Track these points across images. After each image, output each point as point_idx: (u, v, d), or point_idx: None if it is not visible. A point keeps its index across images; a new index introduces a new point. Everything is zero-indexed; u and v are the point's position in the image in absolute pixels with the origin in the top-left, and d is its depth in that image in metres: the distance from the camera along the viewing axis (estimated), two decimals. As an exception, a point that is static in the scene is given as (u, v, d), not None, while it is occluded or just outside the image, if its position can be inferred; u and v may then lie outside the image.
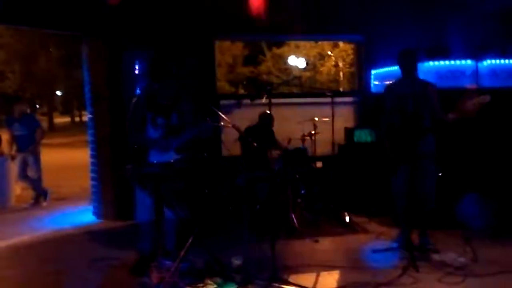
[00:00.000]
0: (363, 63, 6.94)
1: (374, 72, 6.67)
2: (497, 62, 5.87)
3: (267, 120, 5.63)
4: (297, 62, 23.26)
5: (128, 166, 3.78)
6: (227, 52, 23.24)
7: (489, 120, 5.03)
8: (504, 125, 5.38)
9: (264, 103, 4.81)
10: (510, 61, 6.00)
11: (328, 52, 22.73)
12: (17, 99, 8.44)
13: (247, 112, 5.28)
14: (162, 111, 3.98)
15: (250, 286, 3.55)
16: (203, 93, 5.99)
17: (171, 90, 4.05)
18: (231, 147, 5.33)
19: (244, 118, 5.44)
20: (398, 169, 4.23)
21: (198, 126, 3.92)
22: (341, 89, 20.96)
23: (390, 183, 4.39)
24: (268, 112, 5.23)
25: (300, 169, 5.53)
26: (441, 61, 5.77)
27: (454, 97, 3.96)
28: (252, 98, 4.85)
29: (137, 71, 5.82)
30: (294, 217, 5.11)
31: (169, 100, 4.02)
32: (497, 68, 5.87)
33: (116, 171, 5.70)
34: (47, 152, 8.93)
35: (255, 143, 4.03)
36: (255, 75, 25.04)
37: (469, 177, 5.20)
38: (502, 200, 5.05)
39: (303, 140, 5.78)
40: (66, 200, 7.45)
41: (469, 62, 5.80)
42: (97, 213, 6.12)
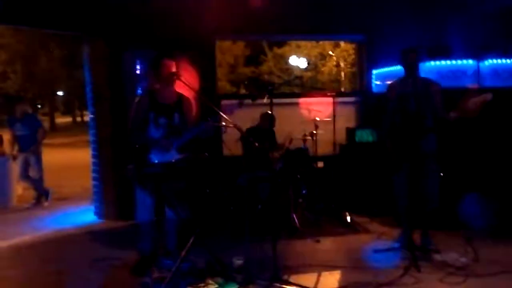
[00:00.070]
0: (364, 63, 6.93)
1: (375, 72, 6.66)
2: (498, 62, 5.84)
3: (268, 120, 5.63)
4: (298, 62, 23.26)
5: (129, 166, 3.78)
6: (228, 52, 23.24)
7: (491, 120, 5.02)
8: (506, 125, 5.37)
9: (265, 103, 4.80)
10: (512, 61, 5.99)
11: (330, 52, 22.74)
12: (19, 99, 8.44)
13: (248, 112, 5.28)
14: (164, 111, 3.98)
15: (252, 286, 3.55)
16: (204, 93, 5.98)
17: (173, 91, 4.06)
18: (232, 147, 5.33)
19: (245, 118, 5.43)
20: (400, 168, 4.23)
21: (199, 126, 3.92)
22: (343, 89, 20.96)
23: (392, 183, 4.39)
24: (270, 112, 5.22)
25: (302, 169, 5.53)
26: (442, 61, 5.76)
27: (455, 97, 3.95)
28: (253, 98, 4.85)
29: (138, 71, 5.82)
30: (295, 217, 5.11)
31: (170, 100, 4.03)
32: (498, 68, 5.85)
33: (117, 171, 5.71)
34: (48, 152, 8.92)
35: (256, 143, 4.03)
36: (256, 75, 25.03)
37: (471, 177, 5.19)
38: (504, 200, 5.04)
39: (304, 140, 5.78)
40: (68, 200, 7.46)
41: (470, 61, 5.78)
42: (98, 213, 6.13)
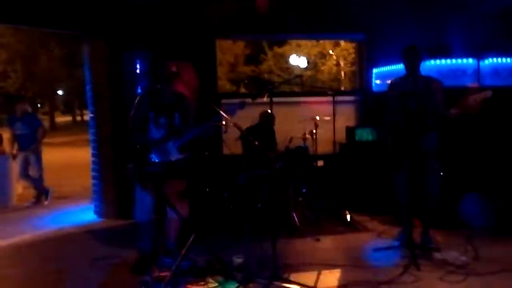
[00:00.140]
0: (364, 62, 6.93)
1: (375, 71, 6.66)
2: (498, 61, 5.84)
3: (268, 119, 5.63)
4: (298, 61, 23.21)
5: (129, 165, 3.78)
6: (228, 51, 23.20)
7: (491, 119, 5.02)
8: (506, 124, 5.37)
9: (265, 102, 4.81)
10: (512, 60, 5.98)
11: (330, 51, 22.69)
12: (19, 98, 8.43)
13: (248, 111, 5.27)
14: (164, 110, 3.98)
15: (251, 285, 3.55)
16: (204, 92, 5.98)
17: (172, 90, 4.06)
18: (232, 146, 5.33)
19: (245, 117, 5.43)
20: (400, 166, 4.23)
21: (200, 126, 3.92)
22: (343, 88, 20.94)
23: (392, 182, 4.39)
24: (269, 111, 5.22)
25: (302, 168, 5.53)
26: (442, 60, 5.76)
27: (455, 96, 3.95)
28: (253, 97, 4.85)
29: (138, 70, 5.82)
30: (295, 215, 5.11)
31: (170, 99, 4.03)
32: (498, 66, 5.84)
33: (117, 170, 5.70)
34: (48, 151, 8.93)
35: (256, 142, 4.03)
36: (257, 74, 25.00)
37: (471, 176, 5.19)
38: (504, 199, 5.04)
39: (304, 138, 5.78)
40: (68, 199, 7.47)
41: (470, 60, 5.78)
42: (98, 212, 6.13)
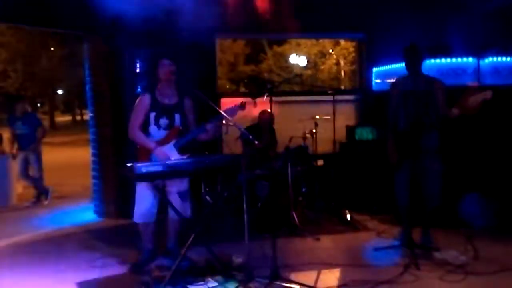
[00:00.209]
0: (364, 61, 6.93)
1: (375, 70, 6.65)
2: (498, 60, 5.84)
3: (267, 118, 5.63)
4: (298, 60, 23.19)
5: (128, 165, 3.77)
6: (228, 50, 23.19)
7: (491, 119, 5.02)
8: (506, 123, 5.36)
9: (265, 102, 4.81)
10: (512, 59, 5.98)
11: (329, 50, 22.68)
12: (19, 98, 8.43)
13: (248, 110, 5.27)
14: (165, 111, 3.98)
15: (251, 284, 3.54)
16: (204, 92, 5.97)
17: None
18: (232, 145, 5.33)
19: (245, 116, 5.43)
20: (401, 166, 4.22)
21: (201, 128, 3.92)
22: (343, 87, 20.93)
23: (392, 181, 4.38)
24: (269, 110, 5.22)
25: (301, 167, 5.53)
26: (442, 59, 5.75)
27: (456, 95, 3.95)
28: (253, 97, 4.85)
29: (138, 70, 5.81)
30: (295, 215, 5.11)
31: (171, 100, 4.03)
32: (498, 65, 5.84)
33: (117, 169, 5.70)
34: (48, 150, 8.94)
35: (256, 142, 4.03)
36: (256, 74, 24.99)
37: (471, 176, 5.18)
38: (504, 199, 5.04)
39: (304, 138, 5.78)
40: (68, 199, 7.46)
41: (470, 59, 5.78)
42: (98, 212, 6.13)
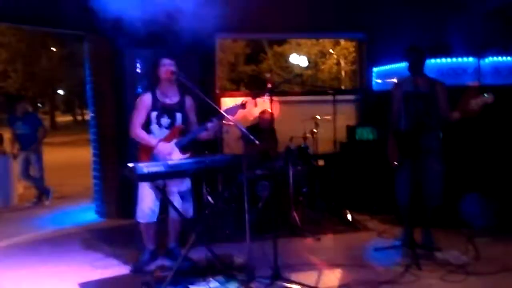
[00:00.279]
0: (364, 61, 6.93)
1: (375, 70, 6.65)
2: (499, 60, 5.83)
3: (267, 118, 5.63)
4: (298, 60, 23.19)
5: (128, 165, 3.77)
6: (228, 50, 23.20)
7: (491, 119, 5.01)
8: (506, 123, 5.36)
9: (265, 102, 4.81)
10: (512, 59, 5.97)
11: (330, 50, 22.68)
12: (20, 98, 8.44)
13: (248, 110, 5.27)
14: (166, 111, 3.98)
15: (252, 284, 3.55)
16: (204, 92, 5.98)
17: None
18: (233, 146, 5.33)
19: (245, 116, 5.44)
20: (401, 165, 4.22)
21: (202, 127, 3.92)
22: (343, 87, 20.93)
23: (392, 181, 4.38)
24: (269, 110, 5.22)
25: (302, 167, 5.53)
26: (443, 59, 5.75)
27: (456, 95, 3.95)
28: (253, 97, 4.85)
29: (139, 70, 5.81)
30: (296, 215, 5.11)
31: (173, 99, 4.03)
32: (499, 65, 5.84)
33: (118, 169, 5.71)
34: (49, 150, 8.93)
35: (257, 142, 4.03)
36: (257, 74, 25.00)
37: (471, 176, 5.18)
38: (504, 199, 5.04)
39: (304, 138, 5.78)
40: (69, 199, 7.47)
41: (471, 59, 5.78)
42: (99, 212, 6.13)
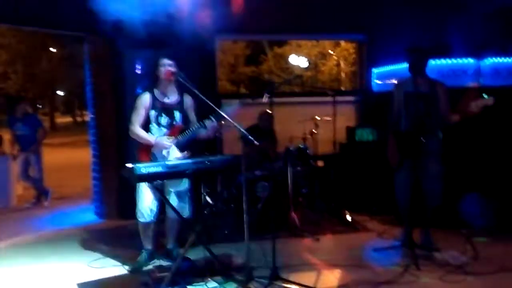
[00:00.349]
0: (364, 62, 6.94)
1: (375, 71, 6.66)
2: (499, 61, 5.84)
3: (266, 119, 5.63)
4: (298, 61, 23.19)
5: (128, 165, 3.77)
6: (228, 51, 23.22)
7: (491, 119, 5.01)
8: (506, 124, 5.36)
9: (265, 102, 4.81)
10: (512, 59, 5.97)
11: (330, 51, 22.69)
12: (19, 99, 8.45)
13: (248, 111, 5.28)
14: (165, 110, 3.99)
15: (251, 285, 3.54)
16: (204, 93, 5.98)
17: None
18: (232, 145, 5.33)
19: (245, 117, 5.43)
20: (401, 166, 4.22)
21: (201, 125, 3.93)
22: (343, 88, 20.93)
23: (392, 181, 4.38)
24: (268, 111, 5.23)
25: (302, 168, 5.53)
26: (443, 60, 5.76)
27: (456, 96, 3.95)
28: (253, 97, 4.86)
29: (138, 71, 5.81)
30: (295, 215, 5.11)
31: (172, 99, 4.04)
32: (499, 66, 5.84)
33: (117, 170, 5.70)
34: (48, 151, 8.94)
35: (257, 142, 4.03)
36: (257, 75, 25.01)
37: (471, 176, 5.18)
38: (504, 199, 5.04)
39: (304, 139, 5.78)
40: (68, 200, 7.47)
41: (471, 60, 5.78)
42: (98, 213, 6.13)
